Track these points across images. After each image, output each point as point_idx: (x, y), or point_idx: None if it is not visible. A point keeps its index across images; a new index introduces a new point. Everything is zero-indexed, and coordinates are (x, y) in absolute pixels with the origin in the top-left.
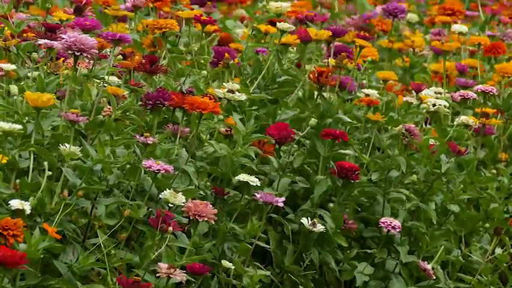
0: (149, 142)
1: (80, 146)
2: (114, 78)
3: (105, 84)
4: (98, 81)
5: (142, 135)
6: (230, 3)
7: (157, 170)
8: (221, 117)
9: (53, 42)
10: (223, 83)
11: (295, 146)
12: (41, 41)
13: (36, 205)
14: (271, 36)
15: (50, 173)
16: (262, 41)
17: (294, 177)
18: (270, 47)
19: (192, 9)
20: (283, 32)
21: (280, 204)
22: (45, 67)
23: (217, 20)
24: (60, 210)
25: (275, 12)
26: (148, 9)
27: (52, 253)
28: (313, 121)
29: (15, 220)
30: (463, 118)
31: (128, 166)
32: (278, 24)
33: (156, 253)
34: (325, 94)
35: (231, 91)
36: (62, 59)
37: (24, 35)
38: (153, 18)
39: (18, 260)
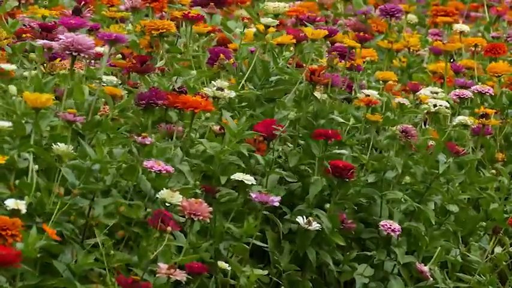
0: (147, 142)
1: (78, 146)
2: (112, 78)
3: (103, 84)
4: (97, 81)
5: (139, 136)
6: (230, 3)
7: (158, 170)
8: (208, 114)
9: (52, 42)
10: (212, 82)
11: (290, 145)
12: (40, 42)
13: (36, 205)
14: (272, 36)
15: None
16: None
17: (281, 173)
18: (259, 45)
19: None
20: (267, 26)
21: (276, 204)
22: (42, 67)
23: (219, 21)
24: (57, 209)
25: (273, 12)
26: (149, 9)
27: (51, 253)
28: (291, 115)
29: (14, 220)
30: (461, 118)
31: (125, 166)
32: (262, 19)
33: (155, 253)
34: (317, 94)
35: (221, 89)
36: (59, 59)
37: (24, 35)
38: (151, 19)
39: (13, 258)
